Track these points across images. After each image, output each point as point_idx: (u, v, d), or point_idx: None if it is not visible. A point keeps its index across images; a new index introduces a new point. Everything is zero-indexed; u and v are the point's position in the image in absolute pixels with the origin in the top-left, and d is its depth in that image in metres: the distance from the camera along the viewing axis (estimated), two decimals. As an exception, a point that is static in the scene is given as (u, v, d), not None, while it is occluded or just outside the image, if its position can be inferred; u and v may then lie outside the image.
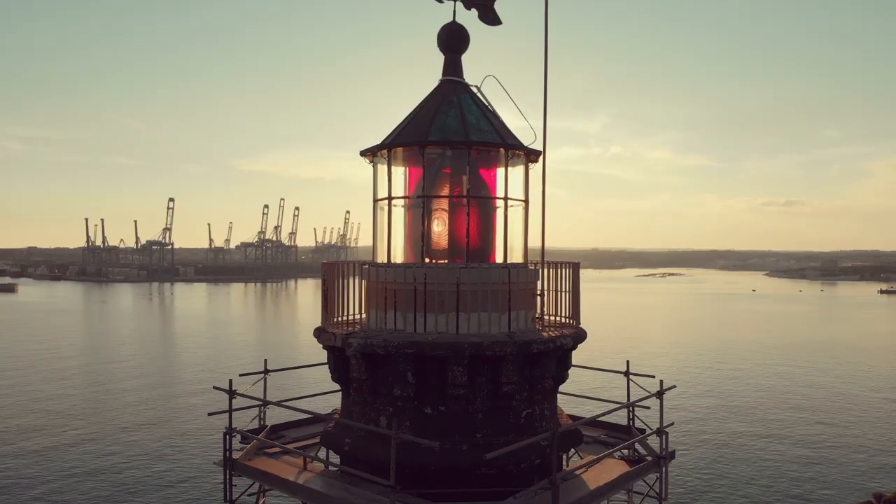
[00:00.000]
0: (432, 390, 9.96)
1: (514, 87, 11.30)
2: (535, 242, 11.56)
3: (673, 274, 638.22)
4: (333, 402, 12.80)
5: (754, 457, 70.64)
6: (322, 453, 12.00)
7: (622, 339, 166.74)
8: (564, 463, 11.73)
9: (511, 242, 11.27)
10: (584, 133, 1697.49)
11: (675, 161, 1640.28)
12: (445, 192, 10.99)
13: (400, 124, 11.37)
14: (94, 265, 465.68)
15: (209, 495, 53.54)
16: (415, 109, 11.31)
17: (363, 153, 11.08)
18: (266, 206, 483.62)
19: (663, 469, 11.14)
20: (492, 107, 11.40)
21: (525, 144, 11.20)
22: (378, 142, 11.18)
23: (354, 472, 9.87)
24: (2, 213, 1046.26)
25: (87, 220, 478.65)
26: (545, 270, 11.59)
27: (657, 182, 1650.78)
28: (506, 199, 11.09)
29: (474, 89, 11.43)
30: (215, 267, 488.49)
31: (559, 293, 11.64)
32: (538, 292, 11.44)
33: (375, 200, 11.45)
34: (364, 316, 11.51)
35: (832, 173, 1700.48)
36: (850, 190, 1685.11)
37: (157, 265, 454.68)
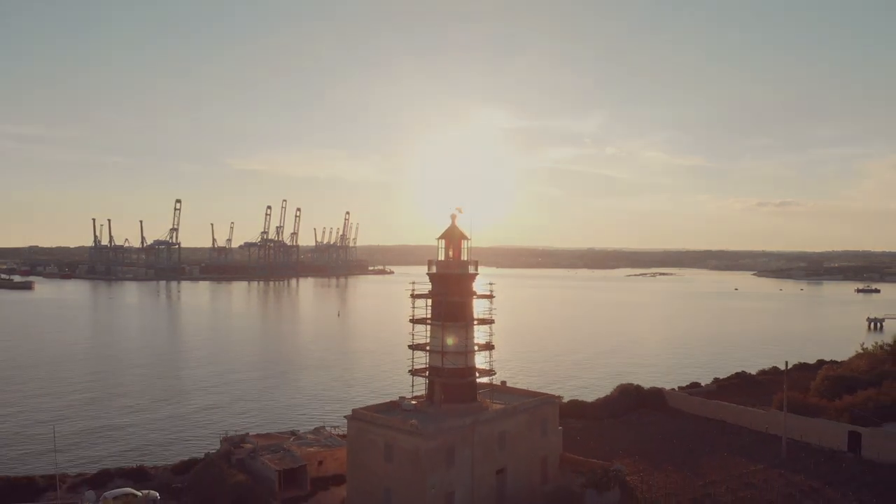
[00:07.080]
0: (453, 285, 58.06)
1: (511, 83, 59.46)
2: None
3: (664, 273, 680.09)
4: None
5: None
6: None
7: (563, 325, 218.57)
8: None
9: (463, 256, 59.60)
10: (579, 133, 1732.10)
11: (670, 161, 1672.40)
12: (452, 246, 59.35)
13: (444, 231, 58.99)
14: (102, 264, 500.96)
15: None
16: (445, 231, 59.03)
17: (438, 238, 58.75)
18: (269, 207, 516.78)
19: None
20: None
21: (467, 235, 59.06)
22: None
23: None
24: (1, 212, 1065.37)
25: (94, 220, 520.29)
26: (470, 266, 59.94)
27: (652, 182, 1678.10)
28: (463, 248, 59.35)
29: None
30: (219, 265, 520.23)
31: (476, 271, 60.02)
32: (473, 268, 59.62)
33: (438, 248, 59.46)
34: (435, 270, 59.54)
35: (827, 174, 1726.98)
36: (845, 191, 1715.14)
37: (164, 264, 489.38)
